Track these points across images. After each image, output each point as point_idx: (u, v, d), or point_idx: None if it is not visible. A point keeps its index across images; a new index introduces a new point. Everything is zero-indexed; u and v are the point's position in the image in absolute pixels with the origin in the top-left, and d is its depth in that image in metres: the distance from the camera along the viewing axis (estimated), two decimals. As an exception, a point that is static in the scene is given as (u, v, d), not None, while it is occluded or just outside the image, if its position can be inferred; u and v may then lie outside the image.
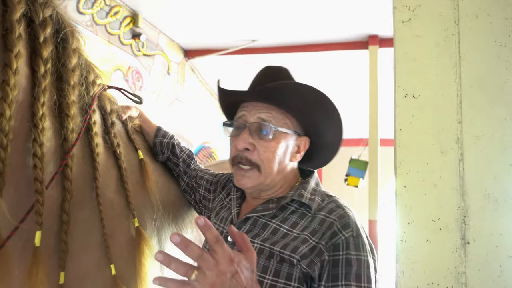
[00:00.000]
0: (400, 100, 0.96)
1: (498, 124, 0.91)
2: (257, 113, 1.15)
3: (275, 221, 1.13)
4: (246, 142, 1.13)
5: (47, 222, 1.02)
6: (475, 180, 0.91)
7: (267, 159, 1.13)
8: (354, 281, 1.00)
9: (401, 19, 0.99)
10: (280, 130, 1.14)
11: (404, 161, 0.94)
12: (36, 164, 0.94)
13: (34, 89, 0.95)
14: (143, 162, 1.37)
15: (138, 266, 1.17)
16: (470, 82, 0.94)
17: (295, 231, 1.08)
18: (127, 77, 4.06)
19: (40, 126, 0.95)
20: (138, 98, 1.40)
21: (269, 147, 1.13)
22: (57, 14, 1.02)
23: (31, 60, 0.95)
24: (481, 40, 0.94)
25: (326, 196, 1.16)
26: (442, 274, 0.89)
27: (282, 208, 1.15)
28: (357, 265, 1.02)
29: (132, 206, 1.23)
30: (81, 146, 1.13)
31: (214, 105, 5.92)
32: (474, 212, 0.90)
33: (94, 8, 3.58)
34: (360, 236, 1.05)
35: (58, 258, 1.03)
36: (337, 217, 1.07)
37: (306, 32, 4.39)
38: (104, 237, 1.11)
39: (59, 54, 1.04)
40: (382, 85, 4.21)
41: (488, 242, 0.88)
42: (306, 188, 1.16)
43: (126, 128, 1.40)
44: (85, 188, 1.12)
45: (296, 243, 1.05)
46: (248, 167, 1.14)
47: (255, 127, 1.14)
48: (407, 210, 0.92)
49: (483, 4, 0.95)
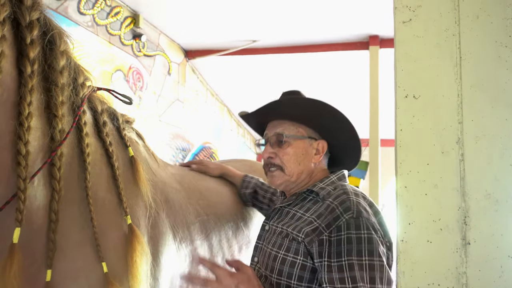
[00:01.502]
0: (401, 101, 0.96)
1: (499, 125, 0.91)
2: (273, 129, 1.46)
3: (295, 208, 1.38)
4: (268, 152, 1.44)
5: (38, 221, 1.04)
6: (475, 180, 0.91)
7: (287, 161, 1.41)
8: (355, 256, 1.16)
9: (401, 20, 0.99)
10: (293, 138, 1.41)
11: (405, 162, 0.94)
12: (19, 162, 0.96)
13: (21, 89, 0.97)
14: (134, 160, 1.38)
15: (130, 263, 1.18)
16: (470, 82, 0.94)
17: (307, 215, 1.30)
18: (128, 78, 4.06)
19: (26, 125, 0.97)
20: (128, 98, 1.42)
21: (286, 152, 1.41)
22: (44, 17, 1.06)
23: (18, 61, 0.98)
24: (482, 41, 0.94)
25: (340, 186, 1.34)
26: (442, 274, 0.89)
27: (301, 198, 1.40)
28: (357, 242, 1.17)
29: (124, 204, 1.24)
30: (72, 147, 1.15)
31: (215, 105, 5.92)
32: (475, 212, 0.90)
33: (95, 9, 3.59)
34: (360, 217, 1.21)
35: (46, 256, 1.05)
36: (339, 202, 1.25)
37: (307, 33, 4.39)
38: (95, 235, 1.13)
39: (47, 55, 1.07)
40: (383, 86, 4.21)
41: (489, 242, 0.88)
42: (323, 181, 1.39)
43: (118, 126, 1.41)
44: (75, 187, 1.14)
45: (304, 224, 1.27)
46: (274, 169, 1.43)
47: (273, 139, 1.44)
48: (407, 211, 0.92)
49: (483, 5, 0.95)
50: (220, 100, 6.03)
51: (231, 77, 5.51)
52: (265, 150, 1.45)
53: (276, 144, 1.42)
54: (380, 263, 1.17)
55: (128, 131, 1.47)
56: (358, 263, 1.15)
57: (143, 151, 1.52)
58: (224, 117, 6.22)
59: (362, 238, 1.18)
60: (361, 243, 1.17)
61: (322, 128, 1.43)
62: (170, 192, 1.57)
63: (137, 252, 1.20)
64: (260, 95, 5.73)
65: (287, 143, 1.41)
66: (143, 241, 1.23)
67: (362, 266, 1.15)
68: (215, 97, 5.88)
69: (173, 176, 1.69)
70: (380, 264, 1.17)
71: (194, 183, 1.80)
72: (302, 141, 1.41)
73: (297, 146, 1.41)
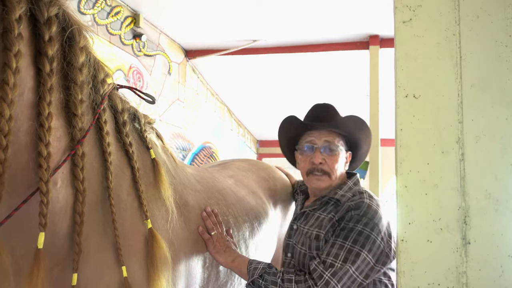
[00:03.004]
0: (401, 100, 0.96)
1: (499, 124, 0.91)
2: (323, 138, 1.66)
3: (318, 211, 1.63)
4: (320, 158, 1.64)
5: (60, 224, 1.01)
6: (476, 180, 0.91)
7: (335, 169, 1.64)
8: (341, 238, 1.45)
9: (402, 19, 0.99)
10: (340, 149, 1.65)
11: (405, 161, 0.94)
12: (41, 164, 0.92)
13: (40, 88, 0.94)
14: (155, 162, 1.33)
15: (150, 268, 1.15)
16: (471, 82, 0.94)
17: (329, 215, 1.56)
18: (128, 77, 4.06)
19: (46, 125, 0.93)
20: (151, 97, 1.37)
21: (335, 160, 1.64)
22: (63, 13, 1.00)
23: (36, 59, 0.94)
24: (482, 40, 0.94)
25: (358, 192, 1.61)
26: (443, 274, 0.89)
27: (324, 203, 1.64)
28: (348, 231, 1.45)
29: (145, 207, 1.21)
30: (93, 146, 1.11)
31: (215, 105, 5.92)
32: (475, 212, 0.90)
33: (95, 9, 3.59)
34: (365, 216, 1.47)
35: (72, 260, 1.02)
36: (355, 203, 1.53)
37: (307, 32, 4.39)
38: (116, 239, 1.10)
39: (66, 52, 1.02)
40: (383, 85, 4.21)
41: (489, 242, 0.88)
42: (342, 188, 1.64)
43: (139, 127, 1.36)
44: (98, 188, 1.11)
45: (325, 222, 1.55)
46: (320, 174, 1.64)
47: (324, 148, 1.64)
48: (408, 210, 0.92)
49: (484, 4, 0.95)
50: (220, 100, 6.03)
51: (231, 77, 5.50)
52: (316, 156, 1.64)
53: (326, 151, 1.64)
54: (358, 251, 1.41)
55: (149, 132, 1.41)
56: (341, 244, 1.44)
57: (162, 152, 1.48)
58: (224, 117, 6.22)
59: (355, 229, 1.45)
60: (351, 232, 1.44)
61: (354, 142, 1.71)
62: (190, 194, 1.53)
63: (157, 257, 1.16)
64: (260, 95, 5.74)
65: (338, 153, 1.64)
66: (163, 245, 1.20)
67: (343, 247, 1.43)
68: (215, 97, 5.88)
69: (192, 177, 1.66)
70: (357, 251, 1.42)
71: (212, 183, 1.79)
72: (343, 152, 1.67)
73: (341, 156, 1.66)
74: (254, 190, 2.08)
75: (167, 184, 1.33)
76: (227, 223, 1.68)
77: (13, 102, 0.86)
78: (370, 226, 1.45)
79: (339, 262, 1.40)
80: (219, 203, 1.70)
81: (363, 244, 1.42)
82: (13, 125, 0.87)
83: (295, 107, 2.75)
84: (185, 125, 5.12)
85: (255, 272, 1.49)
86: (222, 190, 1.81)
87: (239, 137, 6.79)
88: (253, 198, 2.00)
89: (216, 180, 1.87)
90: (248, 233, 1.82)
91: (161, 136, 1.52)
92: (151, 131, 1.46)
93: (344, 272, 1.39)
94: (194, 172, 1.74)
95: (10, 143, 0.86)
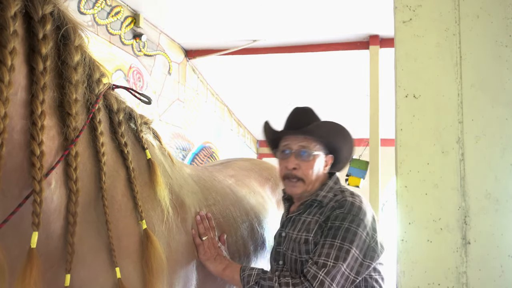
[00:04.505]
0: (401, 100, 0.96)
1: (499, 124, 0.91)
2: (298, 142, 1.64)
3: (304, 215, 1.64)
4: (294, 163, 1.62)
5: (54, 224, 1.00)
6: (476, 180, 0.91)
7: (309, 174, 1.63)
8: (330, 238, 1.48)
9: (402, 19, 0.99)
10: (315, 153, 1.64)
11: (405, 161, 0.94)
12: (34, 163, 0.92)
13: (33, 87, 0.93)
14: (151, 162, 1.32)
15: (145, 269, 1.15)
16: (471, 82, 0.94)
17: (315, 218, 1.58)
18: (128, 77, 4.06)
19: (39, 124, 0.93)
20: (147, 98, 1.36)
21: (310, 165, 1.63)
22: (58, 11, 0.99)
23: (30, 57, 0.93)
24: (482, 40, 0.94)
25: (339, 191, 1.63)
26: (443, 274, 0.89)
27: (308, 206, 1.65)
28: (336, 229, 1.48)
29: (140, 208, 1.20)
30: (87, 146, 1.10)
31: (215, 105, 5.92)
32: (475, 212, 0.90)
33: (95, 9, 3.59)
34: (350, 213, 1.50)
35: (65, 260, 1.01)
36: (337, 202, 1.56)
37: (307, 32, 4.39)
38: (109, 240, 1.09)
39: (60, 51, 1.01)
40: (383, 85, 4.21)
41: (489, 242, 0.88)
42: (323, 189, 1.65)
43: (135, 127, 1.35)
44: (92, 189, 1.10)
45: (312, 225, 1.56)
46: (295, 180, 1.64)
47: (298, 152, 1.63)
48: (407, 210, 0.92)
49: (484, 4, 0.95)
50: (220, 100, 6.03)
51: (231, 77, 5.50)
52: (290, 161, 1.63)
53: (300, 157, 1.63)
54: (348, 248, 1.45)
55: (145, 132, 1.40)
56: (330, 243, 1.46)
57: (159, 153, 1.46)
58: (224, 117, 6.22)
59: (342, 227, 1.48)
60: (339, 230, 1.47)
61: (333, 146, 1.70)
62: (186, 195, 1.52)
63: (152, 258, 1.16)
64: (260, 95, 5.74)
65: (312, 157, 1.63)
66: (158, 246, 1.19)
67: (333, 246, 1.46)
68: (215, 97, 5.88)
69: (190, 177, 1.65)
70: (347, 248, 1.45)
71: (210, 183, 1.78)
72: (320, 156, 1.66)
73: (317, 161, 1.65)
74: (255, 189, 2.07)
75: (163, 185, 1.33)
76: (224, 224, 1.67)
77: (8, 100, 0.86)
78: (356, 223, 1.48)
79: (331, 261, 1.43)
80: (217, 203, 1.69)
81: (351, 240, 1.45)
82: (8, 123, 0.86)
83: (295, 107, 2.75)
84: (185, 125, 5.12)
85: (250, 279, 1.47)
86: (221, 190, 1.80)
87: (239, 137, 6.79)
88: (254, 197, 2.00)
89: (216, 179, 1.86)
90: (247, 233, 1.81)
91: (159, 136, 1.51)
92: (148, 131, 1.45)
93: (337, 270, 1.42)
94: (192, 172, 1.73)
95: (5, 141, 0.86)
